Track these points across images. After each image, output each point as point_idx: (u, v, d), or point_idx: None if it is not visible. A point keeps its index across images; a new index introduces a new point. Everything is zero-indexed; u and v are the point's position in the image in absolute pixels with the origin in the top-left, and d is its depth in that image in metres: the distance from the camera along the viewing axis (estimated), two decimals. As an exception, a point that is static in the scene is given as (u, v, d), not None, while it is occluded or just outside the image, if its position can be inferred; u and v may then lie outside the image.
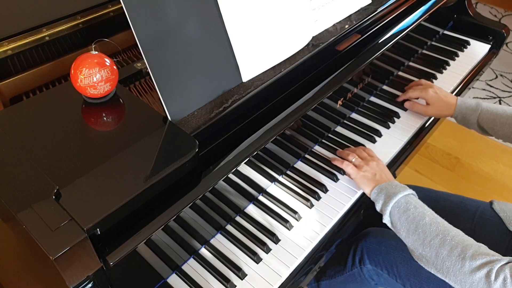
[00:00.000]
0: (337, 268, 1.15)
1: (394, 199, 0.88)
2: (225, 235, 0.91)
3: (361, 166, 0.98)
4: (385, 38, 1.12)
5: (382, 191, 0.91)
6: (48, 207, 0.60)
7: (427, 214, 0.85)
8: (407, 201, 0.87)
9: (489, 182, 1.91)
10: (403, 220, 0.86)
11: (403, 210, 0.86)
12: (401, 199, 0.87)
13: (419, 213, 0.85)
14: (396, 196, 0.88)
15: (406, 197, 0.88)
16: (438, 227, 0.82)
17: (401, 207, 0.87)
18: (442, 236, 0.80)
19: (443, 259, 0.79)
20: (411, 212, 0.85)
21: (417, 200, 0.88)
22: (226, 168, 0.80)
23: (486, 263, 0.75)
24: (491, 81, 2.49)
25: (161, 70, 0.73)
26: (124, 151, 0.69)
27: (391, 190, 0.90)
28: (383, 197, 0.90)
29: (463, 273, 0.76)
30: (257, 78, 0.86)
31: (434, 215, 0.85)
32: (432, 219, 0.84)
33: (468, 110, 1.10)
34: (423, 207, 0.86)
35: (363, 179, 0.96)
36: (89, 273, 0.61)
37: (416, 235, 0.83)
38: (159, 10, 0.72)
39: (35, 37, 0.93)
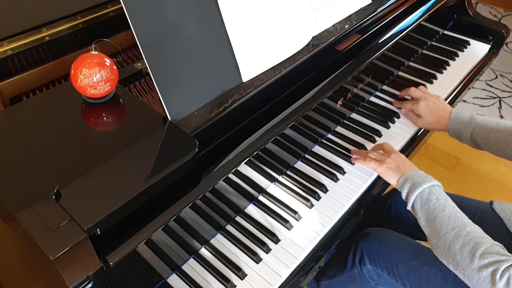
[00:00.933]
0: (337, 268, 1.15)
1: (419, 189, 0.89)
2: (225, 235, 0.91)
3: (383, 159, 0.99)
4: (385, 38, 1.12)
5: (408, 180, 0.92)
6: (48, 207, 0.60)
7: (448, 207, 0.86)
8: (431, 191, 0.88)
9: (489, 182, 1.91)
10: (424, 210, 0.88)
11: (425, 200, 0.88)
12: (425, 189, 0.89)
13: (440, 205, 0.86)
14: (421, 186, 0.89)
15: (430, 188, 0.89)
16: (455, 222, 0.83)
17: (424, 197, 0.88)
18: (457, 230, 0.82)
19: (454, 253, 0.81)
20: (432, 203, 0.87)
21: (441, 192, 0.89)
22: (226, 168, 0.80)
23: (494, 262, 0.76)
24: (491, 81, 2.49)
25: (161, 70, 0.73)
26: (124, 151, 0.69)
27: (417, 179, 0.91)
28: (409, 186, 0.91)
29: (471, 269, 0.78)
30: (257, 78, 0.86)
31: (454, 209, 0.86)
32: (451, 212, 0.85)
33: (461, 125, 1.07)
34: (445, 200, 0.87)
35: (389, 171, 0.97)
36: (89, 273, 0.61)
37: (434, 226, 0.85)
38: (159, 10, 0.72)
39: (35, 37, 0.93)
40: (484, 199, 1.12)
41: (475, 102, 2.34)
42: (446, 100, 1.31)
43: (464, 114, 1.09)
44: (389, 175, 0.97)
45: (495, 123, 1.04)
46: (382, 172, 0.98)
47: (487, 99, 2.37)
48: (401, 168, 0.96)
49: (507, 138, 1.01)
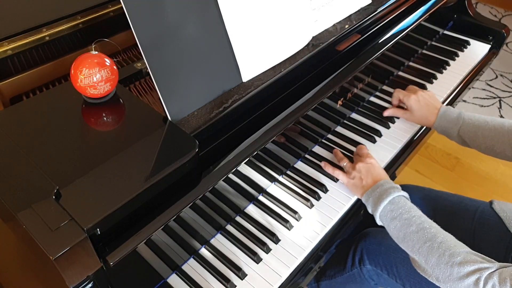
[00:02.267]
0: (337, 268, 1.15)
1: (379, 208, 0.88)
2: (225, 235, 0.91)
3: (349, 172, 0.98)
4: (385, 38, 1.12)
5: (369, 199, 0.91)
6: (48, 207, 0.60)
7: (413, 220, 0.84)
8: (392, 208, 0.87)
9: (489, 182, 1.91)
10: (392, 229, 0.87)
11: (389, 218, 0.87)
12: (386, 207, 0.88)
13: (405, 220, 0.85)
14: (382, 204, 0.88)
15: (391, 204, 0.87)
16: (424, 234, 0.82)
17: (387, 216, 0.87)
18: (429, 243, 0.81)
19: (432, 267, 0.80)
20: (397, 220, 0.86)
21: (403, 204, 0.87)
22: (226, 168, 0.80)
23: (475, 270, 0.75)
24: (491, 81, 2.49)
25: (161, 70, 0.73)
26: (124, 151, 0.69)
27: (377, 196, 0.90)
28: (370, 206, 0.91)
29: (452, 280, 0.77)
30: (257, 78, 0.86)
31: (420, 220, 0.84)
32: (418, 225, 0.83)
33: (449, 122, 1.06)
34: (408, 212, 0.85)
35: (353, 187, 0.97)
36: (89, 273, 0.61)
37: (405, 243, 0.85)
38: (159, 10, 0.72)
39: (35, 37, 0.93)
40: (484, 199, 1.12)
41: (475, 102, 2.34)
42: (446, 100, 1.31)
43: (453, 111, 1.07)
44: (353, 191, 0.97)
45: (483, 121, 1.02)
46: (347, 186, 0.99)
47: (487, 99, 2.37)
48: (363, 183, 0.94)
49: (495, 136, 0.99)
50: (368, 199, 0.92)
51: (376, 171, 0.96)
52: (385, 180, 0.93)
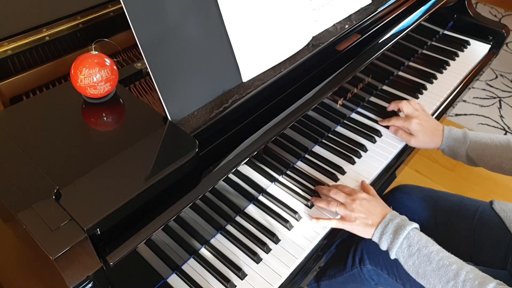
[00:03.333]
0: (337, 268, 1.15)
1: (396, 246, 0.85)
2: (225, 235, 0.91)
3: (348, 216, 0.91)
4: (385, 38, 1.12)
5: (382, 237, 0.87)
6: (48, 207, 0.60)
7: (432, 256, 0.82)
8: (409, 244, 0.84)
9: (489, 182, 1.91)
10: (410, 265, 0.84)
11: (407, 255, 0.84)
12: (403, 244, 0.84)
13: (424, 257, 0.82)
14: (397, 242, 0.85)
15: (407, 240, 0.84)
16: (447, 272, 0.79)
17: (405, 252, 0.84)
18: (453, 282, 0.78)
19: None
20: (415, 257, 0.83)
21: (419, 239, 0.84)
22: (226, 168, 0.80)
23: None
24: (491, 81, 2.49)
25: (161, 70, 0.73)
26: (124, 151, 0.69)
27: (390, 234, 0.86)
28: (386, 244, 0.87)
29: None
30: (257, 78, 0.86)
31: (439, 256, 0.82)
32: (438, 262, 0.81)
33: (456, 142, 1.04)
34: (426, 247, 0.83)
35: (359, 230, 0.90)
36: (89, 273, 0.61)
37: (426, 280, 0.82)
38: (159, 10, 0.72)
39: (35, 37, 0.93)
40: (484, 199, 1.12)
41: (475, 102, 2.34)
42: (447, 100, 1.31)
43: (457, 130, 1.06)
44: (361, 233, 0.90)
45: (488, 139, 1.02)
46: (352, 231, 0.91)
47: (487, 99, 2.37)
48: (370, 223, 0.88)
49: (502, 153, 0.99)
50: (381, 238, 0.87)
51: (374, 204, 0.91)
52: (391, 213, 0.89)
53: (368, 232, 0.89)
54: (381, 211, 0.90)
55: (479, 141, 1.02)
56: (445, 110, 1.30)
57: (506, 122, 2.23)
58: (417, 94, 1.29)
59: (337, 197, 0.94)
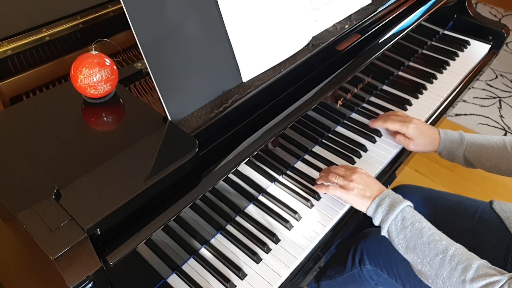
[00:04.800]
0: (337, 269, 1.15)
1: (390, 217, 0.86)
2: (225, 235, 0.91)
3: (346, 185, 0.93)
4: (385, 38, 1.12)
5: (378, 209, 0.88)
6: (48, 207, 0.60)
7: (424, 231, 0.83)
8: (404, 217, 0.86)
9: (489, 182, 1.91)
10: (401, 239, 0.85)
11: (400, 228, 0.85)
12: (398, 216, 0.86)
13: (416, 230, 0.84)
14: (394, 212, 0.86)
15: (402, 212, 0.86)
16: (437, 246, 0.81)
17: (398, 225, 0.85)
18: (441, 256, 0.80)
19: (443, 280, 0.79)
20: (408, 230, 0.84)
21: (413, 214, 0.86)
22: (226, 168, 0.80)
23: (486, 285, 0.74)
24: (491, 81, 2.49)
25: (161, 70, 0.73)
26: (124, 151, 0.69)
27: (387, 207, 0.87)
28: (381, 216, 0.88)
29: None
30: (257, 78, 0.87)
31: (431, 231, 0.84)
32: (429, 236, 0.82)
33: (453, 144, 1.04)
34: (420, 222, 0.85)
35: (355, 199, 0.92)
36: (89, 273, 0.61)
37: (415, 253, 0.83)
38: (159, 10, 0.72)
39: (35, 37, 0.93)
40: (484, 199, 1.12)
41: (475, 102, 2.34)
42: (447, 100, 1.31)
43: (452, 132, 1.06)
44: (357, 204, 0.92)
45: (484, 140, 1.03)
46: (348, 200, 0.93)
47: (487, 99, 2.37)
48: (368, 194, 0.91)
49: (499, 154, 1.00)
50: (376, 210, 0.88)
51: (374, 180, 0.93)
52: (389, 190, 0.91)
53: (364, 203, 0.91)
54: (379, 187, 0.93)
55: (476, 142, 1.03)
56: (445, 110, 1.30)
57: (506, 122, 2.23)
58: (417, 94, 1.29)
59: (337, 171, 0.96)
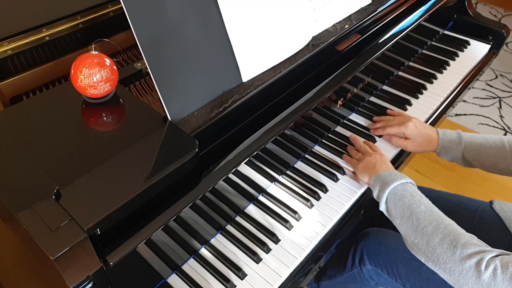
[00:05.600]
0: (337, 268, 1.15)
1: (390, 186, 0.88)
2: (225, 235, 0.91)
3: (361, 158, 1.00)
4: (385, 38, 1.12)
5: (380, 178, 0.92)
6: (48, 207, 0.60)
7: (423, 202, 0.85)
8: (404, 188, 0.88)
9: (489, 182, 1.91)
10: (398, 207, 0.86)
11: (399, 197, 0.87)
12: (398, 187, 0.88)
13: (415, 201, 0.85)
14: (393, 183, 0.88)
15: (403, 185, 0.88)
16: (432, 216, 0.83)
17: (397, 194, 0.87)
18: (435, 224, 0.81)
19: (434, 246, 0.79)
20: (407, 199, 0.86)
21: (415, 189, 0.89)
22: (226, 168, 0.80)
23: (477, 252, 0.75)
24: (491, 81, 2.49)
25: (161, 70, 0.73)
26: (124, 151, 0.69)
27: (389, 177, 0.90)
28: (380, 184, 0.91)
29: (453, 261, 0.77)
30: (257, 78, 0.86)
31: (430, 204, 0.85)
32: (427, 207, 0.84)
33: (452, 144, 1.04)
34: (420, 196, 0.87)
35: (363, 168, 0.97)
36: (89, 273, 0.61)
37: (410, 222, 0.84)
38: (159, 10, 0.72)
39: (35, 37, 0.93)
40: (484, 199, 1.12)
41: (475, 102, 2.34)
42: (447, 100, 1.31)
43: (450, 132, 1.06)
44: (362, 174, 0.97)
45: (482, 139, 1.02)
46: (357, 170, 0.99)
47: (487, 99, 2.37)
48: (376, 167, 0.95)
49: (497, 153, 1.00)
50: (378, 178, 0.92)
51: (390, 165, 0.98)
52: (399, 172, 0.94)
53: (369, 173, 0.95)
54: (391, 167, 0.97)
55: (474, 142, 1.03)
56: (445, 110, 1.30)
57: (506, 122, 2.23)
58: (417, 94, 1.29)
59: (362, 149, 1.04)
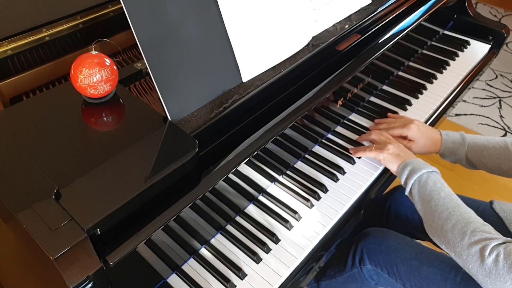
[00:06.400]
0: (337, 268, 1.15)
1: (417, 173, 0.92)
2: (225, 235, 0.91)
3: (383, 147, 1.01)
4: (385, 38, 1.12)
5: (407, 166, 0.94)
6: (48, 207, 0.60)
7: (444, 190, 0.89)
8: (428, 176, 0.91)
9: (489, 182, 1.91)
10: (421, 193, 0.90)
11: (423, 183, 0.91)
12: (424, 174, 0.92)
13: (436, 188, 0.89)
14: (420, 171, 0.92)
15: (428, 173, 0.92)
16: (450, 203, 0.86)
17: (422, 181, 0.91)
18: (451, 210, 0.85)
19: (446, 231, 0.83)
20: (429, 185, 0.90)
21: (438, 178, 0.92)
22: (226, 168, 0.80)
23: (483, 239, 0.79)
24: (491, 81, 2.49)
25: (161, 70, 0.73)
26: (124, 151, 0.69)
27: (416, 165, 0.93)
28: (408, 171, 0.94)
29: (461, 246, 0.81)
30: (257, 78, 0.86)
31: (450, 193, 0.89)
32: (447, 194, 0.88)
33: (455, 144, 1.04)
34: (442, 184, 0.90)
35: (390, 157, 0.99)
36: (89, 273, 0.61)
37: (429, 207, 0.88)
38: (159, 10, 0.72)
39: (35, 37, 0.93)
40: (484, 199, 1.12)
41: (475, 102, 2.34)
42: (447, 100, 1.31)
43: (453, 133, 1.06)
44: (390, 161, 0.99)
45: (486, 140, 1.03)
46: (383, 158, 1.00)
47: (487, 99, 2.37)
48: (401, 155, 0.98)
49: (501, 154, 1.00)
50: (406, 165, 0.94)
51: (410, 152, 1.00)
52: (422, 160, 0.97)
53: (396, 161, 0.98)
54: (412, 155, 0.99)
55: (477, 143, 1.03)
56: (445, 110, 1.30)
57: (506, 122, 2.23)
58: (417, 94, 1.29)
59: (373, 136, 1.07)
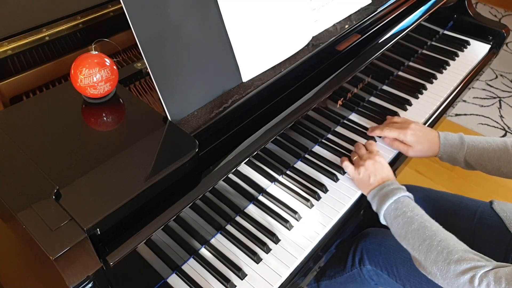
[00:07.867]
0: (337, 269, 1.15)
1: (384, 206, 0.90)
2: (225, 235, 0.91)
3: (357, 166, 0.99)
4: (385, 38, 1.12)
5: (375, 196, 0.93)
6: (48, 207, 0.60)
7: (415, 218, 0.86)
8: (397, 207, 0.89)
9: (489, 182, 1.91)
10: (394, 227, 0.89)
11: (393, 216, 0.88)
12: (391, 205, 0.89)
13: (407, 218, 0.86)
14: (386, 203, 0.90)
15: (396, 203, 0.89)
16: (425, 232, 0.84)
17: (391, 214, 0.89)
18: (429, 241, 0.82)
19: (431, 264, 0.81)
20: (400, 218, 0.87)
21: (407, 203, 0.89)
22: (226, 168, 0.80)
23: (470, 268, 0.76)
24: (491, 81, 2.49)
25: (161, 70, 0.73)
26: (124, 151, 0.69)
27: (382, 195, 0.91)
28: (376, 203, 0.92)
29: (449, 277, 0.79)
30: (257, 78, 0.86)
31: (422, 219, 0.86)
32: (420, 224, 0.85)
33: (454, 148, 1.02)
34: (412, 211, 0.87)
35: (359, 183, 0.98)
36: (89, 273, 0.61)
37: (406, 240, 0.86)
38: (159, 10, 0.72)
39: (35, 37, 0.93)
40: (484, 199, 1.12)
41: (475, 102, 2.34)
42: (447, 100, 1.31)
43: (453, 135, 1.04)
44: (360, 187, 0.99)
45: (485, 142, 1.01)
46: (354, 181, 1.00)
47: (487, 99, 2.37)
48: (370, 181, 0.95)
49: (501, 156, 0.98)
50: (374, 197, 0.93)
51: (384, 171, 0.96)
52: (392, 180, 0.94)
53: (365, 188, 0.96)
54: (385, 176, 0.96)
55: (477, 146, 1.01)
56: (445, 110, 1.30)
57: (506, 122, 2.23)
58: (417, 94, 1.29)
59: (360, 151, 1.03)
